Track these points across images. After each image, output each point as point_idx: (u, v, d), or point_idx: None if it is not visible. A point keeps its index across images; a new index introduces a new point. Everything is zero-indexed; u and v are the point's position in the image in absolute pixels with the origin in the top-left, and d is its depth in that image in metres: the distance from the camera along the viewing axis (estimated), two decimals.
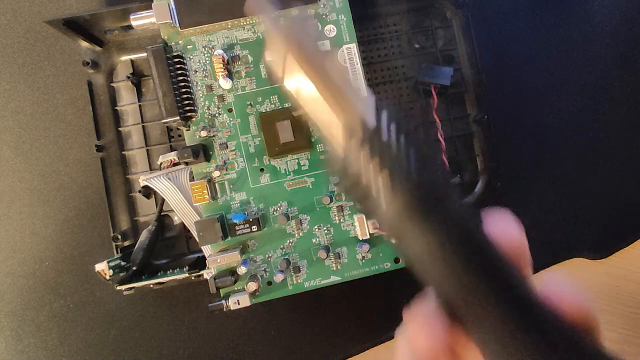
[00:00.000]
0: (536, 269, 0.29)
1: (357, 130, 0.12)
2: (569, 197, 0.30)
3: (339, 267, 0.25)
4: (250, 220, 0.24)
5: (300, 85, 0.13)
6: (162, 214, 0.29)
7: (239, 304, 0.24)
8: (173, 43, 0.24)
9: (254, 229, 0.24)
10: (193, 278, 0.27)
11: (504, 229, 0.14)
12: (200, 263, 0.27)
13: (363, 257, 0.25)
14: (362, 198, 0.12)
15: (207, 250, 0.24)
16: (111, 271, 0.25)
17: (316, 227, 0.25)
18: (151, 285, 0.27)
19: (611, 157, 0.30)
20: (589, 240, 0.30)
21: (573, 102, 0.30)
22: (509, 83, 0.30)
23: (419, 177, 0.12)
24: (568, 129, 0.30)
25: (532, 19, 0.31)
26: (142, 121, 0.29)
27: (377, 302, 0.29)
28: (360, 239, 0.24)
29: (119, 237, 0.28)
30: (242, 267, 0.24)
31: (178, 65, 0.24)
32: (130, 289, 0.27)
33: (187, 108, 0.24)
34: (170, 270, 0.27)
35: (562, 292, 0.13)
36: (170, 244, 0.29)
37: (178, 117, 0.23)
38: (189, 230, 0.28)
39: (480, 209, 0.13)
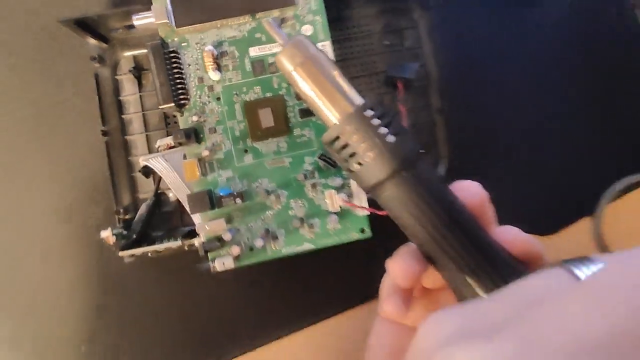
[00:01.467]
0: None
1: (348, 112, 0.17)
2: (520, 180, 0.33)
3: (312, 236, 0.28)
4: (235, 194, 0.27)
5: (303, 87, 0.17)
6: (159, 191, 0.32)
7: (224, 265, 0.27)
8: (169, 40, 0.28)
9: (238, 202, 0.27)
10: (186, 247, 0.30)
11: (468, 189, 0.17)
12: (192, 234, 0.31)
13: (333, 228, 0.28)
14: (348, 164, 0.17)
15: (197, 218, 0.28)
16: (114, 238, 0.29)
17: (292, 201, 0.28)
18: (149, 254, 0.31)
19: (558, 147, 0.34)
20: (537, 218, 0.33)
21: (525, 97, 0.34)
22: (468, 78, 0.34)
23: (398, 147, 0.16)
24: (520, 121, 0.34)
25: (491, 22, 0.34)
26: (142, 109, 0.33)
27: (349, 269, 0.32)
28: (330, 211, 0.28)
29: (121, 211, 0.32)
30: (227, 233, 0.27)
31: (173, 60, 0.28)
32: (131, 256, 0.31)
33: (181, 96, 0.28)
34: (166, 240, 0.31)
35: (513, 237, 0.17)
36: (166, 218, 0.33)
37: (173, 104, 0.27)
38: (183, 207, 0.32)
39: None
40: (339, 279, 0.33)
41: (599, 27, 0.35)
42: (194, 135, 0.28)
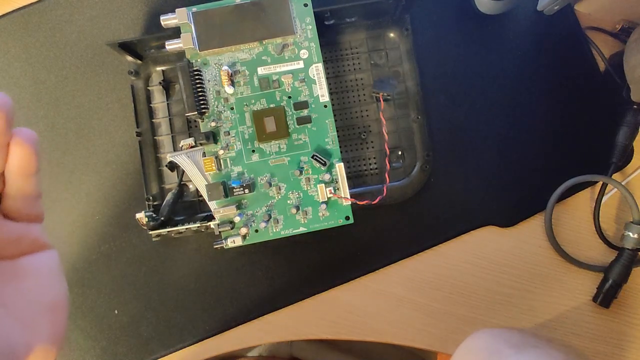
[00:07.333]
0: (458, 233, 0.39)
1: None
2: (485, 179, 0.39)
3: (305, 221, 0.35)
4: (244, 185, 0.34)
5: None
6: (182, 182, 0.39)
7: (234, 243, 0.34)
8: (194, 61, 0.35)
9: (246, 192, 0.34)
10: (202, 230, 0.37)
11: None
12: (208, 219, 0.38)
13: (322, 215, 0.35)
14: None
15: (213, 205, 0.35)
16: (146, 219, 0.35)
17: (290, 192, 0.35)
18: (172, 234, 0.38)
19: (518, 152, 0.40)
20: (499, 213, 0.39)
21: (490, 108, 0.40)
22: (441, 93, 0.40)
23: None
24: (485, 129, 0.40)
25: (460, 45, 0.40)
26: (169, 115, 0.40)
27: (336, 249, 0.39)
28: (320, 201, 0.34)
29: (151, 198, 0.38)
30: (237, 217, 0.34)
31: (197, 76, 0.34)
32: (157, 236, 0.37)
33: (202, 106, 0.34)
34: (187, 223, 0.38)
35: None
36: (188, 206, 0.39)
37: (196, 112, 0.34)
38: (201, 196, 0.39)
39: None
40: (326, 257, 0.39)
41: (555, 48, 0.41)
42: (212, 137, 0.35)
